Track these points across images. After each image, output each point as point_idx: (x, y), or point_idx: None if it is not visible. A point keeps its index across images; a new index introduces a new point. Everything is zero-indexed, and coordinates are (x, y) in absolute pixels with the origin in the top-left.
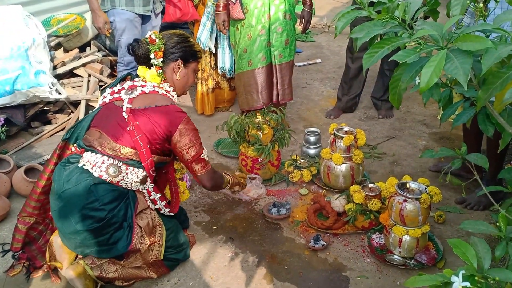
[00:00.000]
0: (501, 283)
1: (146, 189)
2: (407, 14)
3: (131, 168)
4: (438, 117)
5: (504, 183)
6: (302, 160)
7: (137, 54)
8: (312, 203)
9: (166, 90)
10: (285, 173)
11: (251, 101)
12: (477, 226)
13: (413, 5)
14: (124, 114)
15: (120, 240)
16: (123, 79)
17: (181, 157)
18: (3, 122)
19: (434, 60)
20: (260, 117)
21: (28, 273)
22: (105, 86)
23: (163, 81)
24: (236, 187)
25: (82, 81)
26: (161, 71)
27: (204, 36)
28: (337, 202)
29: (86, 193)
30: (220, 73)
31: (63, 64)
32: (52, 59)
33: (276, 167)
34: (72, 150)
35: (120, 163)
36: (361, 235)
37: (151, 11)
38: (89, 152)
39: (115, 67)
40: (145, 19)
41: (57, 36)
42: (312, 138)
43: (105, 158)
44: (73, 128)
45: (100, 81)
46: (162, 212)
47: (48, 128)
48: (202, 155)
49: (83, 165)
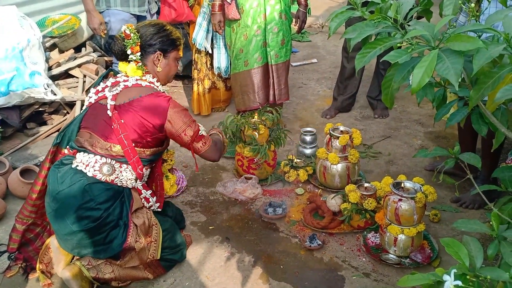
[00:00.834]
0: (493, 281)
1: (136, 187)
2: (399, 14)
3: (124, 165)
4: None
5: (498, 182)
6: (298, 160)
7: (114, 51)
8: (308, 202)
9: (149, 82)
10: (281, 173)
11: (248, 101)
12: (470, 225)
13: (405, 5)
14: (109, 112)
15: (116, 238)
16: (105, 76)
17: (181, 140)
18: None
19: (426, 60)
20: (256, 117)
21: (26, 274)
22: (90, 86)
23: (145, 73)
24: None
25: (78, 82)
26: (140, 64)
27: (200, 36)
28: (333, 202)
29: (81, 193)
30: (216, 73)
31: (58, 64)
32: (47, 60)
33: (272, 167)
34: (65, 153)
35: (113, 161)
36: (357, 234)
37: (147, 12)
38: (82, 153)
39: (110, 68)
40: (140, 19)
41: (52, 37)
42: (308, 138)
43: (98, 157)
44: (63, 132)
45: None
46: (153, 209)
47: (43, 129)
48: (200, 132)
49: (77, 166)
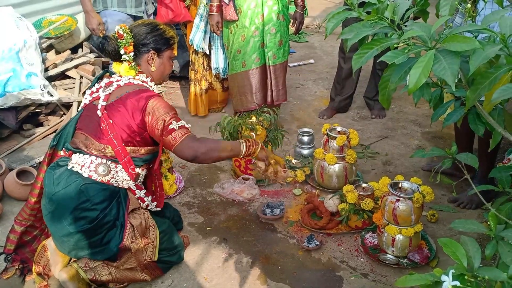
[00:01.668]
0: (491, 281)
1: (130, 188)
2: (396, 15)
3: (120, 166)
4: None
5: (495, 182)
6: (295, 161)
7: (107, 51)
8: (305, 203)
9: (142, 81)
10: None
11: (245, 102)
12: (468, 225)
13: (402, 6)
14: (99, 112)
15: (113, 239)
16: (101, 77)
17: (154, 134)
18: None
19: (422, 61)
20: (253, 118)
21: (22, 275)
22: (86, 87)
23: (138, 73)
24: (259, 164)
25: (74, 83)
26: (133, 64)
27: (198, 38)
28: (331, 202)
29: (77, 194)
30: (214, 73)
31: (55, 66)
32: (43, 61)
33: None
34: (61, 154)
35: (109, 162)
36: (355, 234)
37: (143, 12)
38: (77, 154)
39: (106, 69)
40: (137, 20)
41: (49, 38)
42: (305, 139)
43: (93, 158)
44: (59, 134)
45: None
46: (150, 209)
47: (40, 130)
48: (171, 126)
49: (72, 167)
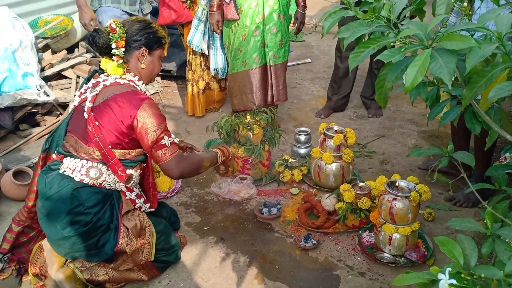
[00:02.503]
0: (488, 280)
1: (120, 189)
2: (392, 13)
3: (108, 165)
4: (427, 116)
5: (492, 180)
6: (292, 160)
7: (98, 45)
8: (302, 202)
9: (129, 80)
10: (276, 173)
11: (246, 102)
12: (464, 223)
13: (398, 5)
14: (85, 114)
15: (108, 242)
16: (89, 78)
17: (142, 143)
18: None
19: (419, 59)
20: (250, 117)
21: (19, 276)
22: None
23: (126, 72)
24: (222, 168)
25: (71, 83)
26: (122, 61)
27: (197, 39)
28: (328, 201)
29: (69, 198)
30: (213, 74)
31: (51, 65)
32: (39, 61)
33: (267, 167)
34: (53, 158)
35: (100, 165)
36: (352, 233)
37: (138, 11)
38: (69, 158)
39: (95, 69)
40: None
41: (45, 38)
42: (302, 138)
43: (84, 161)
44: (51, 137)
45: None
46: (143, 210)
47: (36, 130)
48: (163, 141)
49: (64, 171)
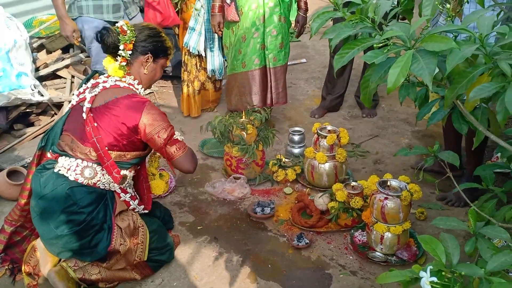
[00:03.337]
0: (469, 278)
1: (115, 191)
2: (377, 15)
3: (104, 167)
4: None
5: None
6: (286, 160)
7: (106, 43)
8: (296, 202)
9: (129, 83)
10: (270, 172)
11: (245, 103)
12: (449, 222)
13: (383, 6)
14: (84, 114)
15: (101, 242)
16: (89, 78)
17: (154, 143)
18: None
19: (401, 60)
20: (244, 117)
21: (13, 275)
22: (76, 88)
23: (126, 75)
24: None
25: (65, 83)
26: (124, 63)
27: (194, 41)
28: (321, 201)
29: (64, 197)
30: (209, 75)
31: (46, 65)
32: (34, 61)
33: (261, 166)
34: (48, 157)
35: (95, 165)
36: (344, 232)
37: (122, 17)
38: (63, 157)
39: (95, 70)
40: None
41: (40, 38)
42: (296, 138)
43: (79, 161)
44: (47, 135)
45: None
46: (137, 212)
47: (30, 130)
48: (175, 136)
49: (59, 170)
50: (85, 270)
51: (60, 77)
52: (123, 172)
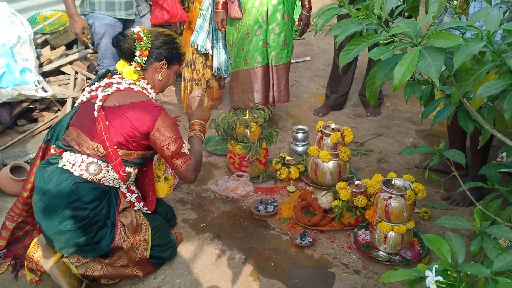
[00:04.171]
0: (475, 277)
1: (121, 191)
2: (383, 11)
3: (111, 165)
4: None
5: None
6: (289, 158)
7: (122, 49)
8: (299, 200)
9: (143, 87)
10: (273, 170)
11: (247, 100)
12: (454, 221)
13: (389, 3)
14: (95, 112)
15: (104, 238)
16: (102, 77)
17: (162, 153)
18: None
19: (407, 57)
20: (247, 114)
21: (15, 271)
22: (87, 85)
23: (140, 79)
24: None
25: (69, 79)
26: (139, 68)
27: (201, 39)
28: (324, 199)
29: (68, 193)
30: (215, 73)
31: (50, 61)
32: (38, 57)
33: (264, 164)
34: (52, 151)
35: (100, 161)
36: (347, 231)
37: (135, 14)
38: (68, 152)
39: (108, 69)
40: (127, 23)
41: (44, 34)
42: (300, 136)
43: (84, 157)
44: (54, 129)
45: (88, 78)
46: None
47: (34, 126)
48: (183, 149)
49: (63, 165)
50: (87, 266)
51: (63, 73)
52: (127, 170)
